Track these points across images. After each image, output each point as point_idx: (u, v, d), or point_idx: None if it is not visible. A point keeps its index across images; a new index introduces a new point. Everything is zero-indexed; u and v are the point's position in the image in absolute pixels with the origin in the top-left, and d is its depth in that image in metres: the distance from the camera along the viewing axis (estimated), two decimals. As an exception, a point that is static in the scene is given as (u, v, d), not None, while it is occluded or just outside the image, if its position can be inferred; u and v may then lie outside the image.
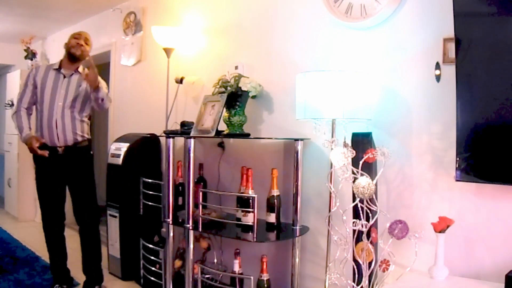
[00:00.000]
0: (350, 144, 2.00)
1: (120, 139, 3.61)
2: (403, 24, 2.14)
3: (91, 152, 3.10)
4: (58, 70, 2.95)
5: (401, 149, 2.13)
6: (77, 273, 3.12)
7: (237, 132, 2.65)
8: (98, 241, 3.07)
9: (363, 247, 1.93)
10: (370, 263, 1.94)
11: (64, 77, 2.93)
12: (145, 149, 3.49)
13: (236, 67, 2.93)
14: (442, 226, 1.82)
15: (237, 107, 2.62)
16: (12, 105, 5.55)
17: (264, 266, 2.41)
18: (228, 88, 2.63)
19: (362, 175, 1.89)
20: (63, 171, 2.93)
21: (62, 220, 3.01)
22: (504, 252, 1.80)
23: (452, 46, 1.88)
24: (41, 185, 2.96)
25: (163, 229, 3.09)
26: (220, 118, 2.60)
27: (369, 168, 1.95)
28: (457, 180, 1.83)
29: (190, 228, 2.57)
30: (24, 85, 2.97)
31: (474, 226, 1.89)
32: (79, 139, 2.96)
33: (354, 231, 1.94)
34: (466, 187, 1.90)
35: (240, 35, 3.00)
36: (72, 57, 2.93)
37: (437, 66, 2.00)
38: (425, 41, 2.06)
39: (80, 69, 2.97)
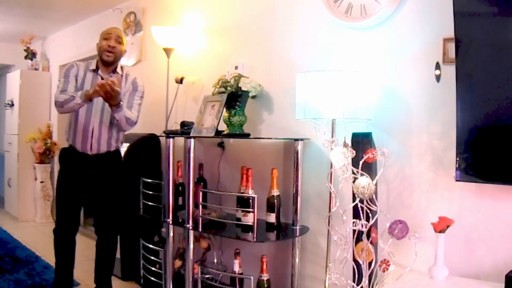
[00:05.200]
0: (350, 144, 2.00)
1: (120, 139, 3.61)
2: (403, 24, 2.14)
3: (122, 159, 2.94)
4: (96, 71, 2.75)
5: (401, 149, 2.13)
6: (80, 274, 3.12)
7: (237, 132, 2.65)
8: (114, 255, 2.94)
9: (363, 247, 1.93)
10: (370, 263, 1.94)
11: (102, 79, 2.66)
12: (145, 149, 3.49)
13: (236, 67, 2.93)
14: (442, 226, 1.82)
15: (237, 107, 2.62)
16: (12, 105, 5.56)
17: (264, 266, 2.42)
18: (228, 88, 2.63)
19: (362, 175, 1.89)
20: (90, 174, 2.74)
21: (77, 225, 2.85)
22: (504, 252, 1.80)
23: (452, 46, 1.88)
24: (63, 188, 2.77)
25: (163, 229, 3.09)
26: (220, 118, 2.60)
27: (369, 168, 1.95)
28: (457, 180, 1.83)
29: (190, 228, 2.57)
30: (64, 77, 2.70)
31: (474, 226, 1.89)
32: (112, 149, 2.80)
33: (354, 231, 1.94)
34: (466, 187, 1.90)
35: (240, 35, 3.00)
36: (105, 62, 2.75)
37: (437, 66, 2.00)
38: (425, 41, 2.06)
39: (118, 69, 2.81)
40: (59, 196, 2.81)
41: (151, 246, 3.06)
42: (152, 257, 3.03)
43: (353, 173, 1.93)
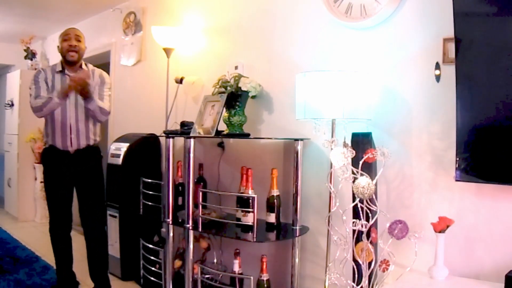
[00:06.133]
0: (350, 144, 2.00)
1: (120, 139, 3.61)
2: (403, 24, 2.14)
3: (101, 154, 3.04)
4: (62, 72, 2.85)
5: (401, 149, 2.13)
6: (79, 274, 3.12)
7: (237, 132, 2.65)
8: (105, 245, 3.02)
9: (363, 247, 1.93)
10: (370, 263, 1.94)
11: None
12: (145, 149, 3.49)
13: (236, 67, 2.93)
14: (442, 226, 1.82)
15: (237, 107, 2.62)
16: (12, 105, 5.56)
17: (264, 266, 2.41)
18: (228, 88, 2.63)
19: (362, 175, 1.89)
20: (72, 171, 2.86)
21: (70, 222, 2.95)
22: (504, 252, 1.80)
23: (452, 46, 1.88)
24: (50, 187, 2.89)
25: (163, 229, 3.09)
26: (220, 118, 2.60)
27: (369, 168, 1.95)
28: (457, 180, 1.82)
29: (190, 228, 2.57)
30: (35, 84, 2.81)
31: (474, 226, 1.89)
32: (92, 143, 2.92)
33: (354, 231, 1.94)
34: (466, 187, 1.90)
35: (240, 35, 3.00)
36: (69, 62, 2.85)
37: (437, 66, 2.00)
38: (425, 41, 2.06)
39: (83, 66, 2.90)
40: (48, 196, 2.92)
41: (151, 246, 3.06)
42: (152, 257, 3.03)
43: (353, 173, 1.92)
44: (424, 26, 2.06)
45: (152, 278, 3.02)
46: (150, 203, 3.00)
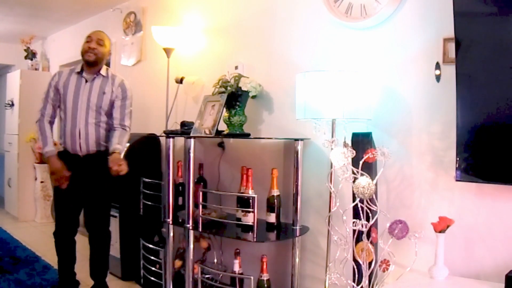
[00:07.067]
0: (350, 144, 2.00)
1: (120, 139, 3.60)
2: (403, 24, 2.14)
3: None
4: (80, 73, 2.83)
5: (401, 149, 2.13)
6: (80, 274, 3.12)
7: (237, 132, 2.65)
8: (107, 248, 3.00)
9: (363, 247, 1.93)
10: (370, 263, 1.94)
11: (86, 81, 2.81)
12: (145, 149, 3.49)
13: (236, 67, 2.93)
14: (442, 226, 1.82)
15: (237, 107, 2.62)
16: (12, 105, 5.56)
17: (264, 266, 2.41)
18: (228, 88, 2.63)
19: (362, 175, 1.89)
20: (82, 175, 2.81)
21: (76, 227, 2.92)
22: (504, 252, 1.80)
23: (452, 46, 1.88)
24: (60, 191, 2.82)
25: (163, 229, 3.09)
26: (220, 118, 2.61)
27: (369, 168, 1.95)
28: (457, 180, 1.83)
29: (190, 228, 2.57)
30: (46, 93, 2.85)
31: (474, 226, 1.89)
32: (102, 148, 2.85)
33: (354, 231, 1.94)
34: (466, 187, 1.90)
35: (240, 35, 3.00)
36: (88, 62, 2.81)
37: (437, 66, 2.00)
38: (425, 41, 2.06)
39: (103, 70, 2.85)
40: (56, 200, 2.90)
41: (151, 246, 3.06)
42: (152, 257, 3.03)
43: (353, 173, 1.93)
44: (424, 26, 2.07)
45: (152, 278, 3.02)
46: (150, 203, 3.00)
